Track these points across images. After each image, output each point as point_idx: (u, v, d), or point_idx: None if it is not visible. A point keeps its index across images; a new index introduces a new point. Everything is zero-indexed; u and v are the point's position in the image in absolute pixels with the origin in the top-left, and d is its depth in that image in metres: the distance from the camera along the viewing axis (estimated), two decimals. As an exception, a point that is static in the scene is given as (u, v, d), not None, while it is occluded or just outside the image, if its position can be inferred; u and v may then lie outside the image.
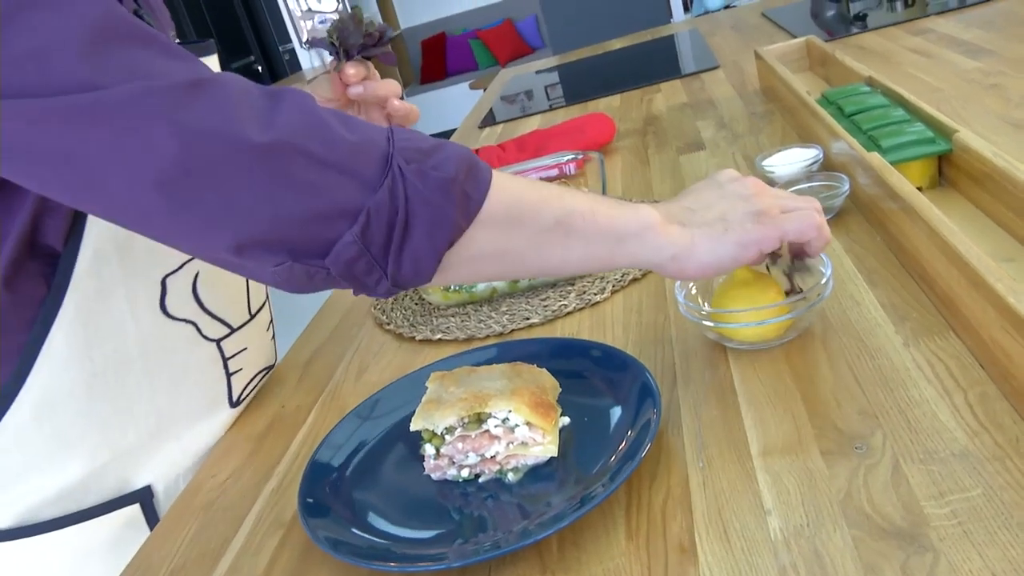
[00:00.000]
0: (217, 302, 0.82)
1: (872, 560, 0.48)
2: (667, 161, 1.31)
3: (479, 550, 0.57)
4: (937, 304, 0.71)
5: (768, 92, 1.50)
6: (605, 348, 0.75)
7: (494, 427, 0.64)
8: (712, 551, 0.52)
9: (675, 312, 0.83)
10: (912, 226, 0.74)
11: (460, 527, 0.61)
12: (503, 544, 0.56)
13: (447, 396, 0.67)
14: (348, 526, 0.63)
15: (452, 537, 0.60)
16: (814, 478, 0.56)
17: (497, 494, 0.64)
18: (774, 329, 0.71)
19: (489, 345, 0.83)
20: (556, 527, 0.55)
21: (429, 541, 0.61)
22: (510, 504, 0.62)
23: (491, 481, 0.65)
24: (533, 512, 0.60)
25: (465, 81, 6.55)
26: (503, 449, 0.64)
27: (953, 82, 1.28)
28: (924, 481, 0.53)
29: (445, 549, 0.59)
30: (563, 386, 0.71)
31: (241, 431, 0.88)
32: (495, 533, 0.59)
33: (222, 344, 0.84)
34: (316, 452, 0.73)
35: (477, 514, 0.62)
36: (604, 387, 0.71)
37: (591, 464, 0.63)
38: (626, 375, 0.70)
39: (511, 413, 0.64)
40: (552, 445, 0.64)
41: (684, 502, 0.57)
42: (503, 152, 1.47)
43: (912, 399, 0.61)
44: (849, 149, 0.93)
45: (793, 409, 0.63)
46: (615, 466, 0.60)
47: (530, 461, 0.65)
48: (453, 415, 0.64)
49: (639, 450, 0.59)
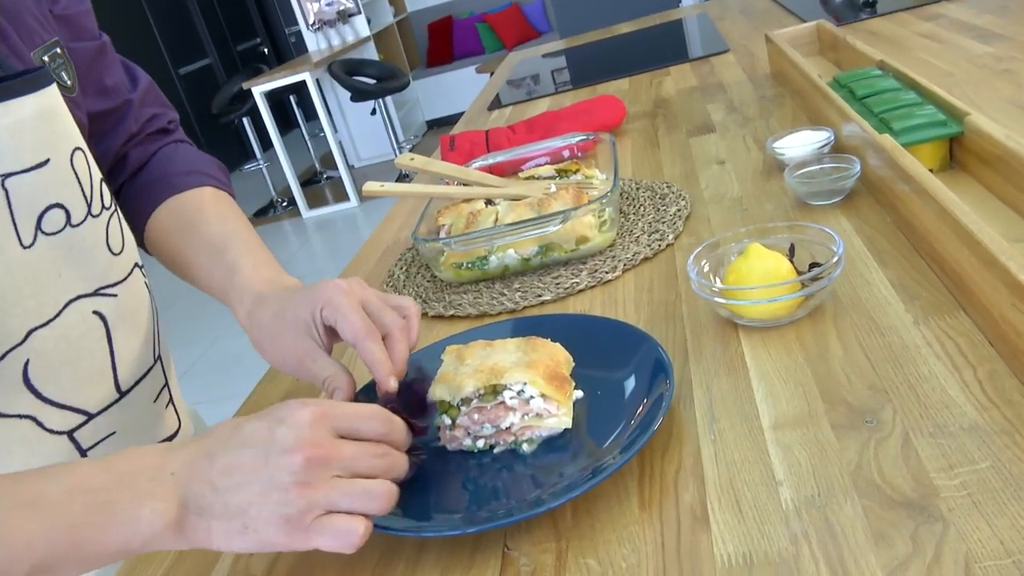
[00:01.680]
0: (61, 388, 0.68)
1: (882, 529, 0.49)
2: (677, 143, 1.31)
3: (492, 517, 0.58)
4: (947, 283, 0.71)
5: (778, 76, 1.50)
6: (618, 324, 0.76)
7: (509, 399, 0.65)
8: (724, 520, 0.53)
9: (686, 290, 0.84)
10: (923, 207, 0.75)
11: (474, 496, 0.63)
12: (516, 512, 0.57)
13: (463, 368, 0.67)
14: None
15: (466, 505, 0.62)
16: (825, 450, 0.57)
17: (511, 465, 0.65)
18: (785, 307, 0.71)
19: (504, 320, 0.84)
20: (569, 496, 0.56)
21: (442, 508, 0.62)
22: (524, 474, 0.63)
23: (505, 452, 0.66)
24: (546, 482, 0.61)
25: (471, 65, 6.54)
26: (518, 421, 0.65)
27: (964, 67, 1.29)
28: (934, 454, 0.54)
29: (458, 516, 0.60)
30: (577, 360, 0.72)
31: (258, 403, 0.89)
32: (508, 502, 0.60)
33: (76, 435, 0.70)
34: None
35: (491, 484, 0.63)
36: (617, 362, 0.72)
37: (604, 436, 0.64)
38: (639, 350, 0.71)
39: (527, 385, 0.65)
40: (566, 417, 0.65)
41: (696, 473, 0.58)
42: (513, 134, 1.47)
43: (922, 375, 0.62)
44: (861, 131, 0.93)
45: (804, 384, 0.64)
46: (628, 438, 0.61)
47: (544, 433, 0.66)
48: (470, 386, 0.65)
49: (652, 423, 0.60)
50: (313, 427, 0.53)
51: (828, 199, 0.94)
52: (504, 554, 0.57)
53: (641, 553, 0.53)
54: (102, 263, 0.72)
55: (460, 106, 6.64)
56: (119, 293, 0.74)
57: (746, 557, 0.50)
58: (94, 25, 0.85)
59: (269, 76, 5.15)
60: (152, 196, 0.86)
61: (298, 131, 6.72)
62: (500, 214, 1.00)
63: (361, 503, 0.52)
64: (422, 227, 1.03)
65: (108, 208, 0.74)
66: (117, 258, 0.75)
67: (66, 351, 0.68)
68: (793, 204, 0.96)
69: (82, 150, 0.71)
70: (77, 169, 0.70)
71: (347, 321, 0.66)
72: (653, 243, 0.95)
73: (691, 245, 0.94)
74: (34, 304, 0.65)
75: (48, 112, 0.67)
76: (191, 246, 0.82)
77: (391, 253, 1.20)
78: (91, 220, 0.71)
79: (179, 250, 0.83)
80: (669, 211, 1.02)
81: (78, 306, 0.69)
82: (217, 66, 7.66)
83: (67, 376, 0.69)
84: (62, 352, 0.68)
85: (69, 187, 0.69)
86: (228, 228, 0.82)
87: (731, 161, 1.16)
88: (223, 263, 0.78)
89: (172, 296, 4.08)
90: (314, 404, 0.54)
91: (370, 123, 6.25)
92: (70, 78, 0.77)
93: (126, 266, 0.76)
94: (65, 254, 0.68)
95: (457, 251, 0.96)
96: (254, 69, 5.78)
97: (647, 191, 1.11)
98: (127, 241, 0.77)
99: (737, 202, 1.02)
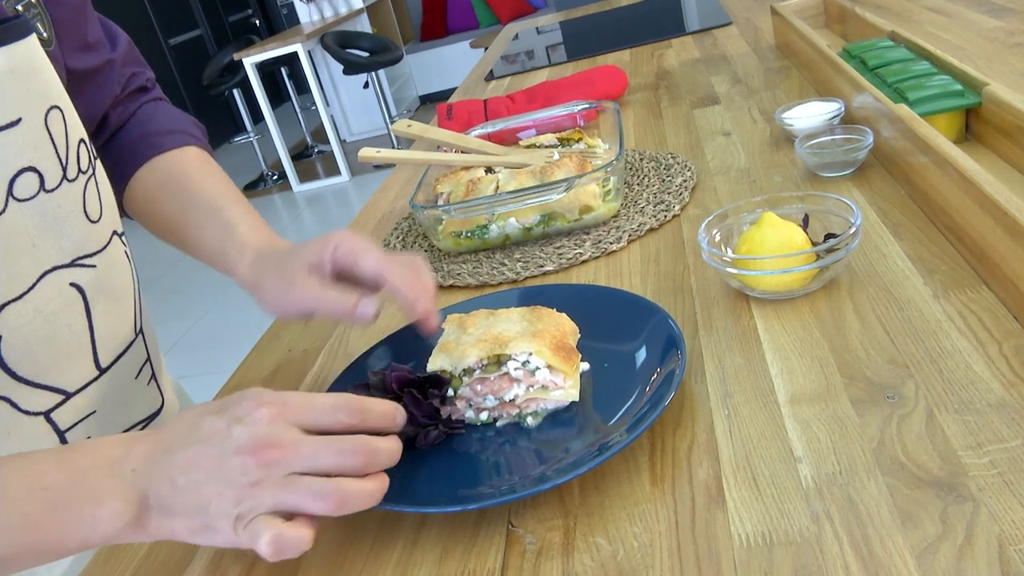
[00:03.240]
0: (37, 366, 0.64)
1: (909, 508, 0.47)
2: (681, 115, 1.28)
3: (495, 493, 0.55)
4: (968, 257, 0.69)
5: (784, 48, 1.47)
6: (626, 295, 0.73)
7: (514, 370, 0.62)
8: (741, 497, 0.51)
9: (694, 262, 0.81)
10: (943, 177, 0.72)
11: (476, 471, 0.60)
12: (519, 489, 0.55)
13: (466, 337, 0.65)
14: None
15: (468, 480, 0.59)
16: (845, 426, 0.54)
17: (515, 439, 0.62)
18: (799, 279, 0.69)
19: (507, 290, 0.81)
20: (576, 473, 0.54)
21: (443, 483, 0.59)
22: (528, 449, 0.61)
23: (509, 425, 0.63)
24: (552, 458, 0.59)
25: (466, 40, 6.46)
26: (522, 393, 0.62)
27: (975, 41, 1.26)
28: (960, 431, 0.51)
29: (461, 491, 0.57)
30: (583, 332, 0.69)
31: (247, 375, 0.86)
32: (512, 477, 0.58)
33: (53, 415, 0.67)
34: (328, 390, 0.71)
35: (494, 459, 0.61)
36: (626, 334, 0.69)
37: (611, 411, 0.61)
38: (648, 322, 0.68)
39: (532, 356, 0.62)
40: (573, 390, 0.63)
41: (710, 448, 0.56)
42: (512, 103, 1.43)
43: (944, 350, 0.59)
44: (874, 101, 0.91)
45: (820, 358, 0.62)
46: (638, 413, 0.59)
47: (550, 406, 0.63)
48: (473, 356, 0.62)
49: (663, 398, 0.58)
50: (271, 424, 0.51)
51: (839, 171, 0.91)
52: (508, 532, 0.54)
53: (654, 531, 0.51)
54: (79, 231, 0.67)
55: (454, 81, 6.57)
56: (98, 263, 0.69)
57: (765, 536, 0.48)
58: None
59: (260, 47, 5.07)
60: (135, 155, 0.82)
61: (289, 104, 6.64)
62: (501, 182, 0.96)
63: (305, 501, 0.49)
64: (419, 195, 1.00)
65: (85, 172, 0.69)
66: (95, 226, 0.69)
67: (42, 326, 0.63)
68: (803, 175, 0.94)
69: (59, 108, 0.66)
70: (52, 129, 0.64)
71: (368, 254, 0.65)
72: (659, 214, 0.92)
73: (698, 216, 0.91)
74: (5, 276, 0.60)
75: (23, 66, 0.62)
76: (180, 204, 0.78)
77: (386, 223, 1.16)
78: (67, 185, 0.65)
79: (167, 210, 0.80)
80: (675, 182, 0.99)
81: (54, 278, 0.64)
82: (208, 37, 7.55)
83: (43, 353, 0.64)
84: (37, 328, 0.63)
85: (42, 149, 0.63)
86: (219, 189, 0.79)
87: (737, 133, 1.13)
88: (218, 221, 0.75)
89: (158, 270, 4.03)
90: (271, 401, 0.52)
91: (362, 97, 6.17)
92: (46, 30, 0.72)
93: (105, 234, 0.71)
94: (39, 221, 0.63)
95: (456, 219, 0.93)
96: (245, 40, 5.70)
97: (651, 162, 1.08)
98: (106, 207, 0.72)
99: (744, 173, 0.99)
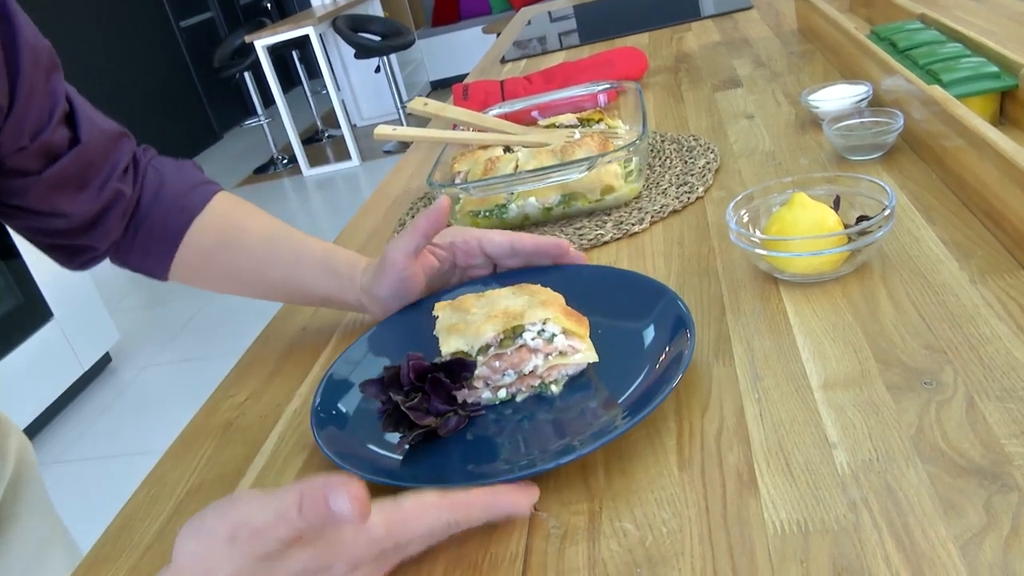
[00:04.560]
0: None
1: (951, 497, 0.45)
2: (702, 98, 1.25)
3: (512, 468, 0.54)
4: (1005, 241, 0.67)
5: (808, 32, 1.44)
6: (619, 272, 0.73)
7: (531, 340, 0.60)
8: (774, 483, 0.49)
9: (720, 244, 0.79)
10: (980, 160, 0.70)
11: (502, 450, 0.58)
12: (539, 463, 0.53)
13: (471, 318, 0.62)
14: (368, 444, 0.60)
15: (488, 457, 0.57)
16: (881, 412, 0.52)
17: (534, 413, 0.60)
18: (830, 261, 0.67)
19: (486, 277, 0.78)
20: (604, 440, 0.52)
21: (465, 465, 0.57)
22: (546, 423, 0.59)
23: (528, 401, 0.62)
24: (574, 431, 0.57)
25: (478, 25, 6.42)
26: (542, 362, 0.61)
27: (1006, 25, 1.23)
28: (1003, 419, 0.49)
29: (482, 467, 0.56)
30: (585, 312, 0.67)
31: (260, 352, 0.85)
32: (535, 451, 0.56)
33: None
34: (332, 367, 0.69)
35: (519, 436, 0.59)
36: (629, 312, 0.67)
37: (626, 384, 0.60)
38: (649, 298, 0.67)
39: (548, 322, 0.60)
40: (591, 352, 0.61)
41: (740, 433, 0.54)
42: (529, 84, 1.41)
43: (983, 336, 0.57)
44: (906, 83, 0.88)
45: (854, 343, 0.60)
46: (654, 384, 0.57)
47: (571, 371, 0.62)
48: (489, 331, 0.60)
49: (681, 359, 0.57)
50: None
51: (868, 154, 0.89)
52: (532, 515, 0.52)
53: (683, 517, 0.49)
54: None
55: (465, 67, 6.53)
56: None
57: (800, 524, 0.46)
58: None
59: (272, 30, 5.04)
60: (171, 227, 0.79)
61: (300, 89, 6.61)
62: (520, 161, 0.94)
63: None
64: (436, 174, 0.98)
65: None
66: None
67: None
68: (830, 158, 0.91)
69: None
70: None
71: (490, 232, 0.75)
72: (682, 195, 0.90)
73: (722, 199, 0.89)
74: None
75: None
76: (250, 254, 0.80)
77: (401, 203, 1.15)
78: None
79: (236, 264, 0.81)
80: (697, 164, 0.97)
81: None
82: (219, 19, 7.52)
83: None
84: None
85: None
86: (273, 223, 0.82)
87: (760, 116, 1.10)
88: (307, 254, 0.79)
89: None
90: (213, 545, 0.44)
91: (373, 82, 6.14)
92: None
93: None
94: None
95: (475, 198, 0.91)
96: (257, 23, 5.67)
97: (673, 143, 1.06)
98: None
99: (769, 156, 0.96)
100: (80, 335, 3.09)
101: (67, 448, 2.88)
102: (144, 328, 3.68)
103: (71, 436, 2.95)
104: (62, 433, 2.97)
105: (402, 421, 0.58)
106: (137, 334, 3.62)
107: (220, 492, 0.65)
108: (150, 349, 3.47)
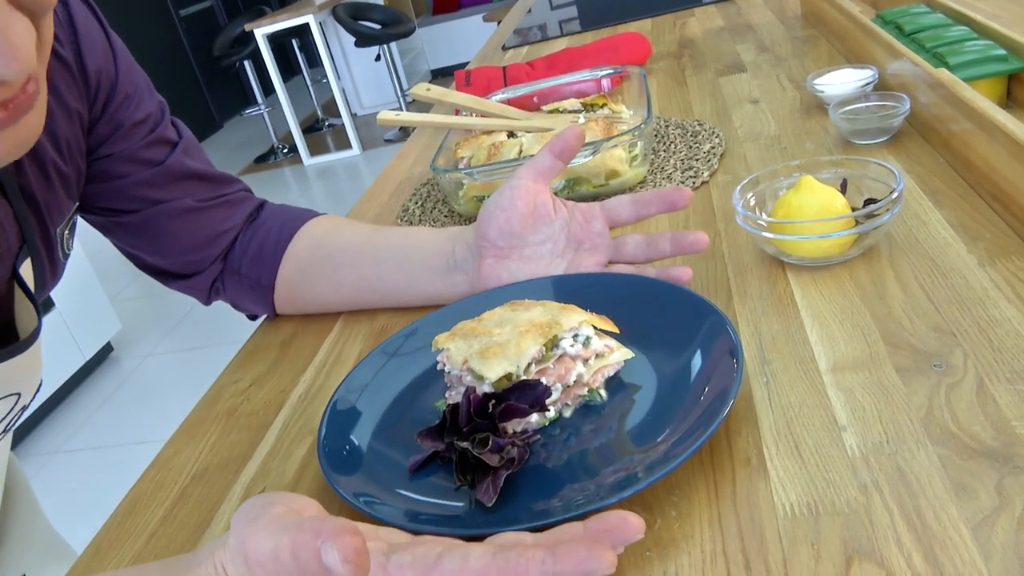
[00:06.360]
0: None
1: (963, 479, 0.45)
2: (706, 83, 1.25)
3: (568, 507, 0.48)
4: (1014, 224, 0.66)
5: (811, 17, 1.43)
6: (671, 288, 0.65)
7: (570, 347, 0.57)
8: (784, 466, 0.49)
9: (726, 228, 0.78)
10: (989, 143, 0.69)
11: (549, 480, 0.52)
12: (595, 500, 0.47)
13: (498, 338, 0.57)
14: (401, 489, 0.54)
15: (543, 492, 0.51)
16: (891, 395, 0.52)
17: (580, 428, 0.56)
18: (838, 245, 0.66)
19: (462, 300, 0.71)
20: (660, 474, 0.47)
21: (528, 498, 0.51)
22: (598, 442, 0.54)
23: (574, 415, 0.57)
24: (625, 462, 0.52)
25: (479, 13, 6.40)
26: (584, 369, 0.58)
27: (1012, 10, 1.22)
28: (1014, 401, 0.49)
29: (539, 504, 0.50)
30: (624, 328, 0.62)
31: (263, 339, 0.84)
32: (587, 486, 0.50)
33: None
34: (335, 394, 0.63)
35: (568, 464, 0.53)
36: (674, 337, 0.61)
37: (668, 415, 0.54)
38: (693, 317, 0.61)
39: (582, 325, 0.58)
40: (624, 348, 0.59)
41: (749, 417, 0.54)
42: (532, 70, 1.40)
43: (992, 319, 0.57)
44: (912, 67, 0.87)
45: (862, 325, 0.59)
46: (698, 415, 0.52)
47: (612, 371, 0.59)
48: (531, 346, 0.55)
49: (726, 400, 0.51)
50: None
51: (874, 138, 0.88)
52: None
53: (692, 500, 0.48)
54: None
55: (466, 55, 6.51)
56: None
57: (811, 507, 0.46)
58: None
59: (272, 18, 5.03)
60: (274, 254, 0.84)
61: (300, 78, 6.59)
62: (524, 146, 0.94)
63: None
64: (440, 159, 0.97)
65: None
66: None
67: None
68: (836, 142, 0.91)
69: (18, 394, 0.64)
70: None
71: (608, 200, 0.72)
72: (687, 180, 0.90)
73: (727, 183, 0.88)
74: None
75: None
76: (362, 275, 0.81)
77: (404, 189, 1.14)
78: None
79: (345, 278, 0.82)
80: (702, 148, 0.97)
81: None
82: (219, 8, 7.50)
83: None
84: None
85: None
86: (372, 232, 0.83)
87: (765, 100, 1.10)
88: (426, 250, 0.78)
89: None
90: None
91: (373, 70, 6.13)
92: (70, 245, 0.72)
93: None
94: None
95: (479, 182, 0.91)
96: (257, 11, 5.65)
97: (677, 128, 1.05)
98: None
99: (775, 140, 0.96)
100: (82, 324, 3.10)
101: (69, 437, 2.89)
102: (146, 317, 3.68)
103: (73, 425, 2.95)
104: (64, 422, 2.98)
105: (477, 467, 0.51)
106: (139, 323, 3.62)
107: (225, 478, 0.64)
108: (152, 338, 3.48)
